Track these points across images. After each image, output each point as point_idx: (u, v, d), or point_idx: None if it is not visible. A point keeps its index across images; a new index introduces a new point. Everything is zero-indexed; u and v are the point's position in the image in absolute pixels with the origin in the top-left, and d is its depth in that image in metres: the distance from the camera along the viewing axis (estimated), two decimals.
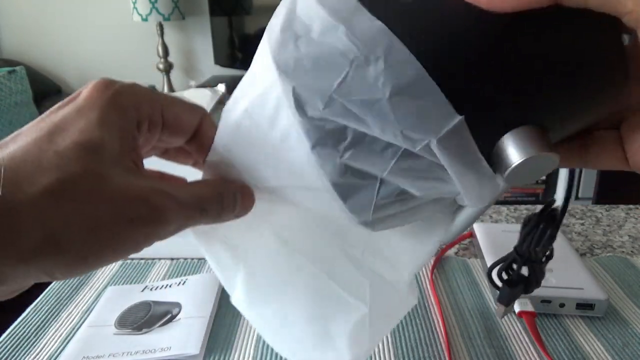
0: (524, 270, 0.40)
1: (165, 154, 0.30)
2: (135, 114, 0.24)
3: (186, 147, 0.29)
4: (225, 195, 0.26)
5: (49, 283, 0.55)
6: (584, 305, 0.47)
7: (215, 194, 0.25)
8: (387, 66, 0.20)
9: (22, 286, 0.21)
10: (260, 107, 0.24)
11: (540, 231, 0.37)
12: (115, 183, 0.21)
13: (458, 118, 0.20)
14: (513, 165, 0.20)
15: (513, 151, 0.20)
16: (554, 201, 0.38)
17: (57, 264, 0.20)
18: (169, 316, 0.48)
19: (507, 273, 0.41)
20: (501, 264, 0.41)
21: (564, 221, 0.68)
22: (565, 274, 0.50)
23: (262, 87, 0.24)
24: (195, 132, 0.27)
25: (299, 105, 0.21)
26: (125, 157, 0.22)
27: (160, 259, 0.59)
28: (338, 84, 0.21)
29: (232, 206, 0.26)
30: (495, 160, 0.21)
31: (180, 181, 0.28)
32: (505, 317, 0.48)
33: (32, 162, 0.20)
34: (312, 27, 0.22)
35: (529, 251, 0.38)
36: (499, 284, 0.41)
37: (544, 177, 2.03)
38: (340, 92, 0.21)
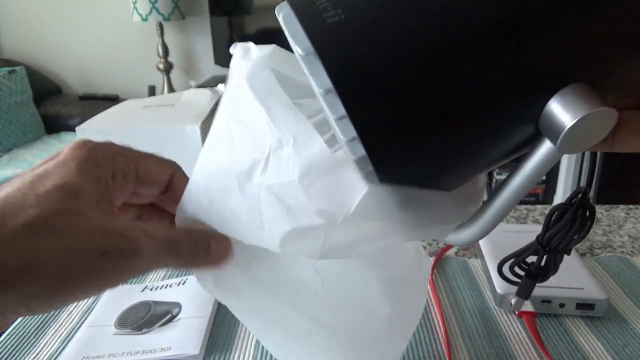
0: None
1: (141, 217, 0.31)
2: (110, 167, 0.26)
3: (161, 202, 0.31)
4: (199, 240, 0.26)
5: None
6: (584, 305, 0.47)
7: (188, 237, 0.26)
8: (295, 147, 0.22)
9: (2, 322, 0.22)
10: (214, 181, 0.26)
11: (580, 222, 0.35)
12: (91, 220, 0.23)
13: (366, 189, 0.21)
14: (566, 128, 0.18)
15: (564, 113, 0.18)
16: (586, 190, 0.36)
17: (34, 294, 0.21)
18: (169, 316, 0.48)
19: (520, 266, 0.40)
20: (514, 259, 0.40)
21: None
22: (565, 274, 0.50)
23: (215, 161, 0.26)
24: (168, 185, 0.29)
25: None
26: (101, 201, 0.24)
27: None
28: (261, 170, 0.23)
29: (205, 252, 0.27)
30: (546, 130, 0.19)
31: (157, 225, 0.30)
32: (505, 317, 0.48)
33: (14, 204, 0.22)
34: (241, 108, 0.25)
35: (559, 244, 0.37)
36: (513, 278, 0.41)
37: (544, 177, 2.03)
38: (264, 177, 0.23)
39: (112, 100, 2.34)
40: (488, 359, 0.43)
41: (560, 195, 2.05)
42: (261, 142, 0.24)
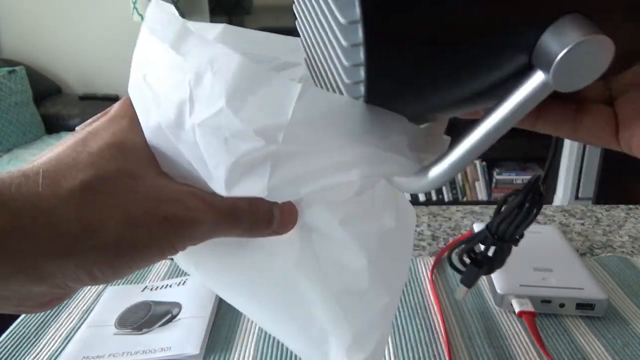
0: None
1: None
2: None
3: None
4: (261, 209, 0.24)
5: None
6: (584, 305, 0.47)
7: (249, 206, 0.24)
8: (214, 72, 0.21)
9: (64, 292, 0.21)
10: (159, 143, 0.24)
11: (526, 211, 0.34)
12: (149, 183, 0.22)
13: (299, 87, 0.20)
14: (560, 55, 0.17)
15: (558, 40, 0.17)
16: (540, 177, 0.35)
17: (95, 260, 0.20)
18: (169, 316, 0.48)
19: (469, 255, 0.39)
20: (464, 245, 0.39)
21: (564, 221, 0.68)
22: (565, 274, 0.50)
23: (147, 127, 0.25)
24: None
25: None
26: (155, 161, 0.23)
27: None
28: (189, 112, 0.22)
29: (266, 222, 0.25)
30: (539, 61, 0.18)
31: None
32: (505, 317, 0.48)
33: (68, 163, 0.21)
34: (149, 62, 0.23)
35: (505, 231, 0.35)
36: (460, 266, 0.39)
37: (543, 176, 2.02)
38: (193, 117, 0.21)
39: (112, 100, 2.34)
40: (488, 359, 0.43)
41: (560, 196, 2.05)
42: (180, 84, 0.22)
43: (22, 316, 0.50)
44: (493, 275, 0.50)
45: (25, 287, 0.19)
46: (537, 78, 0.19)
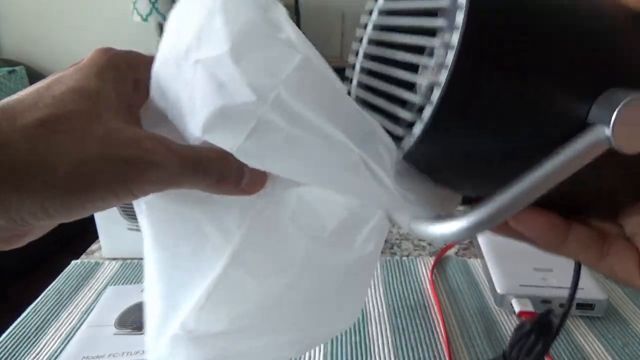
0: None
1: None
2: (132, 73, 0.24)
3: None
4: (233, 161, 0.23)
5: (50, 282, 0.55)
6: (584, 305, 0.47)
7: (218, 155, 0.23)
8: (225, 16, 0.21)
9: (24, 228, 0.21)
10: (162, 71, 0.25)
11: (532, 342, 0.34)
12: (108, 125, 0.21)
13: (300, 56, 0.20)
14: (623, 102, 0.17)
15: (620, 93, 0.17)
16: (552, 311, 0.36)
17: (47, 196, 0.20)
18: None
19: None
20: None
21: None
22: (565, 274, 0.50)
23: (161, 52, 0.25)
24: None
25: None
26: (121, 107, 0.23)
27: None
28: (195, 47, 0.22)
29: (236, 179, 0.24)
30: (597, 112, 0.18)
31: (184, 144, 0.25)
32: (505, 317, 0.48)
33: (29, 103, 0.21)
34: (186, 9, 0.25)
35: (517, 355, 0.36)
36: None
37: None
38: (197, 53, 0.22)
39: None
40: (488, 359, 0.43)
41: None
42: (197, 19, 0.22)
43: (22, 316, 0.50)
44: (493, 275, 0.50)
45: None
46: (594, 131, 0.18)
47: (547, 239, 0.22)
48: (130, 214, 0.56)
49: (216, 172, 0.23)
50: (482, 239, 0.58)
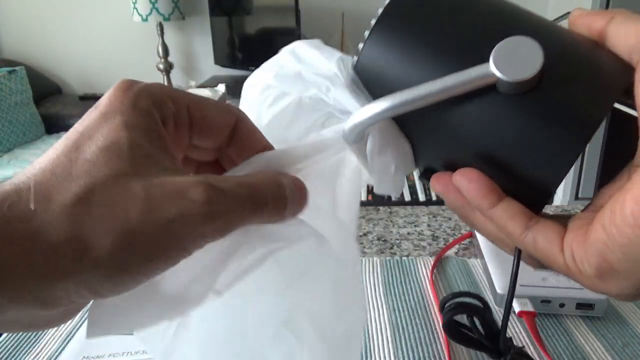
0: None
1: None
2: (159, 112, 0.22)
3: (224, 159, 0.27)
4: (286, 183, 0.22)
5: None
6: (584, 305, 0.47)
7: (272, 181, 0.22)
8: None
9: (74, 308, 0.20)
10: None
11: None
12: (149, 182, 0.19)
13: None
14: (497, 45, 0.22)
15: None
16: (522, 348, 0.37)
17: (95, 276, 0.18)
18: None
19: None
20: None
21: None
22: None
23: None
24: (231, 135, 0.25)
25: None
26: (156, 155, 0.21)
27: None
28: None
29: (282, 208, 0.22)
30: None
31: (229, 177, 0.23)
32: None
33: (61, 173, 0.19)
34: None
35: None
36: None
37: None
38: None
39: None
40: (488, 359, 0.43)
41: (560, 196, 2.05)
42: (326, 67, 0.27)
43: None
44: (493, 275, 0.50)
45: (28, 311, 0.18)
46: (483, 66, 0.22)
47: (479, 199, 0.24)
48: None
49: (275, 204, 0.22)
50: (482, 239, 0.58)
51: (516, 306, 0.47)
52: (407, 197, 1.63)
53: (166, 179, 0.20)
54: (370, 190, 1.46)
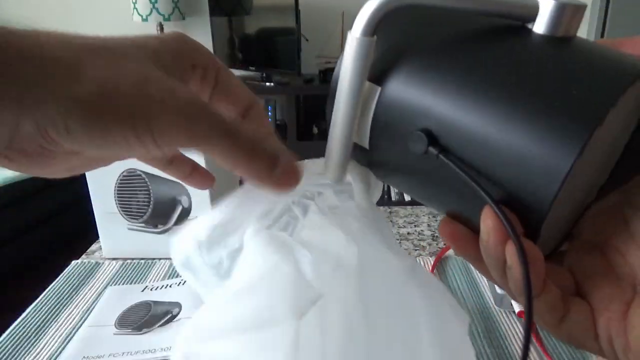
0: None
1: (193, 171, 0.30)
2: (192, 56, 0.24)
3: None
4: (270, 145, 0.23)
5: (50, 282, 0.55)
6: None
7: (259, 134, 0.24)
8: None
9: (45, 143, 0.20)
10: None
11: None
12: (153, 72, 0.21)
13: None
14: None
15: None
16: None
17: (71, 107, 0.19)
18: (169, 316, 0.48)
19: None
20: None
21: None
22: None
23: None
24: (245, 114, 0.27)
25: None
26: (176, 72, 0.23)
27: (160, 259, 0.59)
28: None
29: (270, 159, 0.23)
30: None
31: None
32: (505, 317, 0.48)
33: (92, 37, 0.21)
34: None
35: None
36: None
37: None
38: None
39: None
40: (488, 358, 0.43)
41: None
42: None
43: (22, 316, 0.50)
44: None
45: (6, 119, 0.19)
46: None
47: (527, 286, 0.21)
48: (130, 214, 0.56)
49: (249, 142, 0.22)
50: None
51: (516, 306, 0.47)
52: (407, 197, 1.63)
53: (169, 78, 0.21)
54: None
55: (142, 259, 0.60)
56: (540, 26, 0.21)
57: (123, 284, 0.55)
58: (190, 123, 0.21)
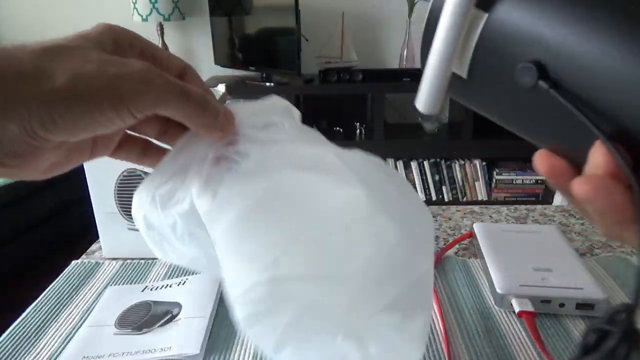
0: None
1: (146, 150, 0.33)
2: (126, 38, 0.28)
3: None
4: (212, 99, 0.28)
5: (50, 282, 0.55)
6: (584, 305, 0.47)
7: (201, 92, 0.27)
8: None
9: (35, 143, 0.23)
10: None
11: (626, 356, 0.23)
12: (105, 55, 0.25)
13: None
14: None
15: None
16: (631, 306, 0.23)
17: (52, 101, 0.22)
18: (169, 316, 0.48)
19: None
20: None
21: (564, 221, 0.68)
22: (565, 274, 0.50)
23: None
24: (182, 77, 0.31)
25: None
26: (119, 53, 0.26)
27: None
28: None
29: (214, 112, 0.28)
30: None
31: None
32: (505, 317, 0.48)
33: (38, 41, 0.24)
34: None
35: None
36: None
37: (543, 177, 2.02)
38: None
39: None
40: (488, 359, 0.43)
41: (560, 196, 2.05)
42: None
43: (22, 316, 0.50)
44: (493, 276, 0.50)
45: None
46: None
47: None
48: (130, 214, 0.56)
49: (199, 97, 0.27)
50: (482, 239, 0.58)
51: (516, 306, 0.47)
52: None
53: (119, 57, 0.25)
54: None
55: (142, 259, 0.60)
56: None
57: (123, 284, 0.55)
58: (152, 88, 0.25)
